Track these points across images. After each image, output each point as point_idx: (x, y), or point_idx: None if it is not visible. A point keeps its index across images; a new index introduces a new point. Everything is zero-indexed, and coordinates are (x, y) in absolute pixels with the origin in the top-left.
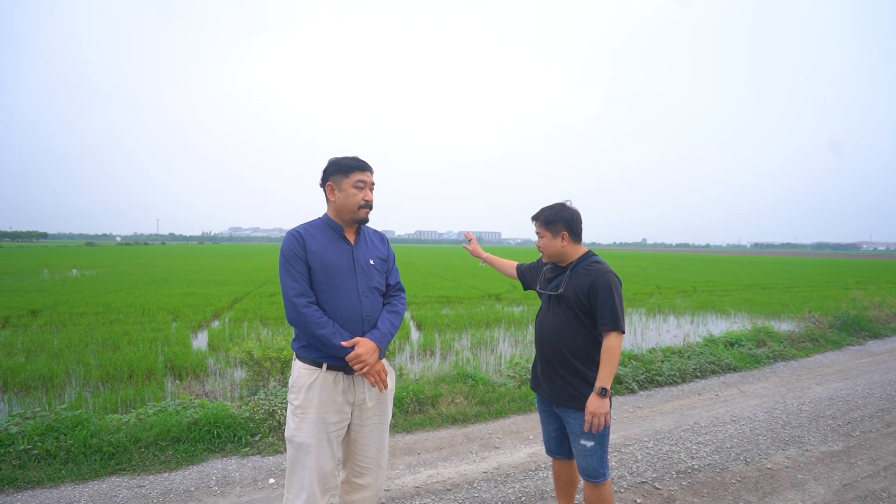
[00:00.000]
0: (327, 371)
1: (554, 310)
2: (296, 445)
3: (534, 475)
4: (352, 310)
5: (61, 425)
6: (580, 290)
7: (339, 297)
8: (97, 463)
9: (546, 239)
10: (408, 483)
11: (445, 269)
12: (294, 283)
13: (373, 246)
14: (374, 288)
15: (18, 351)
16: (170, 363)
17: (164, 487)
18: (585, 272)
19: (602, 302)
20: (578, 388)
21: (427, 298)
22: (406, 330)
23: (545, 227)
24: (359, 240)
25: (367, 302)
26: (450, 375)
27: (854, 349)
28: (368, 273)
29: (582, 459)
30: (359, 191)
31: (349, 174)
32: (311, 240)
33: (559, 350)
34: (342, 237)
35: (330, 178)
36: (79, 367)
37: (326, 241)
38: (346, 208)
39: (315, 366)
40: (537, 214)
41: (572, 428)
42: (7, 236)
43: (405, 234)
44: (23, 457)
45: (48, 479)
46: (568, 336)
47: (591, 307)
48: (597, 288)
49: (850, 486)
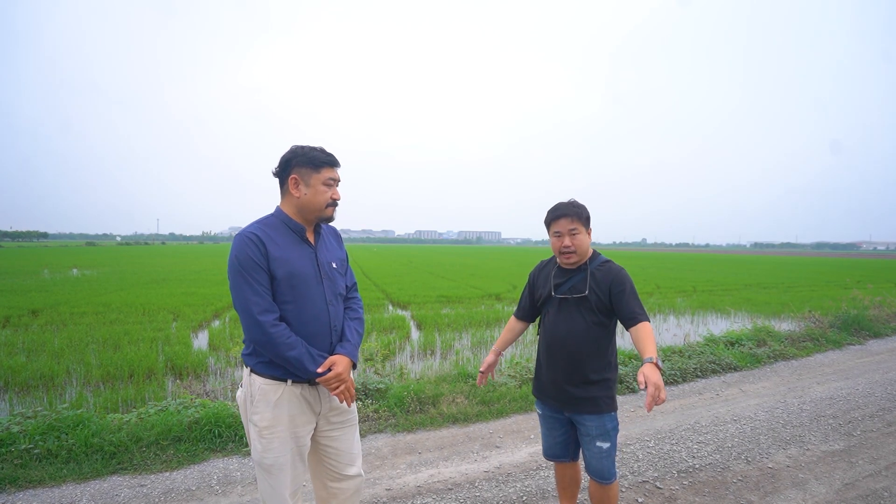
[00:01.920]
0: (293, 385)
1: (570, 313)
2: (266, 468)
3: (535, 474)
4: (320, 321)
5: (62, 424)
6: (600, 290)
7: (307, 309)
8: (98, 462)
9: (582, 235)
10: (409, 482)
11: (445, 268)
12: (257, 297)
13: (332, 247)
14: (338, 294)
15: (19, 350)
16: (170, 363)
17: (166, 487)
18: (601, 272)
19: (628, 297)
20: (593, 392)
21: (427, 298)
22: (406, 330)
23: (584, 222)
24: (318, 241)
25: (334, 310)
26: (450, 375)
27: (854, 349)
28: (332, 278)
29: (596, 461)
30: (328, 188)
31: (320, 169)
32: (272, 244)
33: (575, 355)
34: (304, 239)
35: (294, 170)
36: (79, 367)
37: (288, 244)
38: (313, 207)
39: (279, 381)
40: (570, 209)
41: (587, 430)
42: (7, 236)
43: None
44: (24, 456)
45: (50, 479)
46: (586, 340)
47: (611, 305)
48: (620, 284)
49: (852, 486)
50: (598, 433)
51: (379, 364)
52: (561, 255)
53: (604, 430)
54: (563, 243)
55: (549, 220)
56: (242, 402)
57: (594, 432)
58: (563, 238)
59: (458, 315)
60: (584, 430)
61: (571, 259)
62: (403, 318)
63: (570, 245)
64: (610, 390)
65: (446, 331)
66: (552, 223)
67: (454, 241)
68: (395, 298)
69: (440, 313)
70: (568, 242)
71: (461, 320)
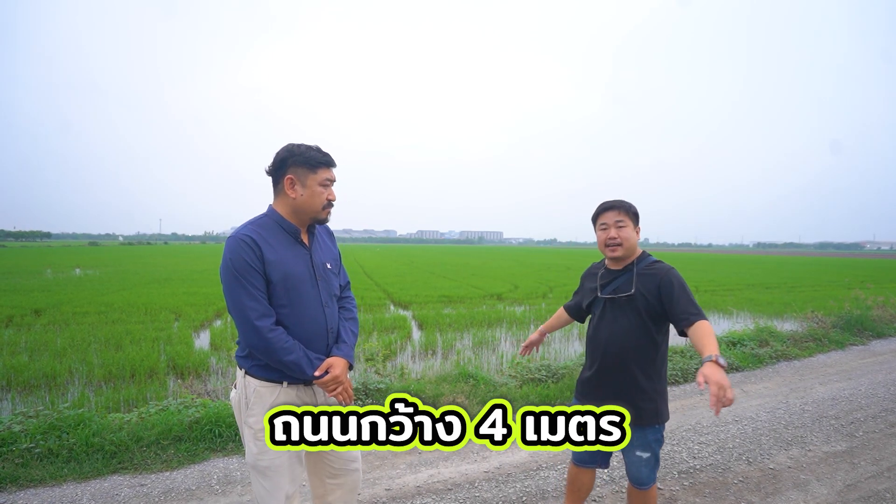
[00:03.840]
0: (288, 387)
1: (616, 315)
2: (261, 470)
3: (535, 475)
4: (316, 324)
5: (64, 424)
6: (648, 292)
7: (302, 312)
8: (99, 462)
9: (629, 229)
10: (409, 482)
11: (447, 268)
12: (254, 302)
13: (326, 247)
14: (333, 295)
15: (22, 350)
16: (172, 362)
17: (166, 486)
18: (649, 273)
19: (679, 296)
20: (637, 402)
21: (428, 298)
22: (408, 329)
23: (631, 217)
24: (313, 242)
25: (330, 312)
26: (451, 375)
27: (857, 349)
28: (327, 279)
29: (635, 469)
30: (324, 189)
31: (316, 170)
32: (266, 246)
33: (624, 359)
34: (298, 241)
35: (290, 170)
36: (82, 367)
37: (283, 246)
38: (309, 208)
39: (274, 383)
40: (617, 203)
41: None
42: (11, 236)
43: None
44: (25, 455)
45: (50, 478)
46: (634, 343)
47: (661, 307)
48: (669, 284)
49: (853, 487)
50: (639, 443)
51: (380, 364)
52: (606, 248)
53: (644, 441)
54: (608, 235)
55: (596, 213)
56: (237, 403)
57: (634, 442)
58: (608, 230)
59: (459, 315)
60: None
61: (617, 252)
62: (405, 317)
63: (616, 237)
64: (654, 402)
65: (447, 331)
66: (599, 216)
67: (456, 241)
68: (396, 298)
69: (441, 313)
70: (614, 234)
71: (462, 320)
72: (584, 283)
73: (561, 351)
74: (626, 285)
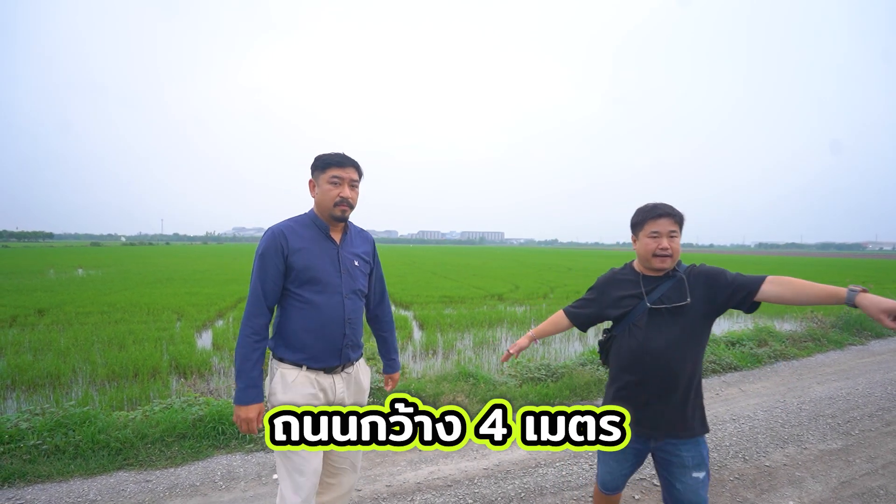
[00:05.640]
0: (308, 371)
1: (668, 324)
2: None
3: (533, 472)
4: (334, 312)
5: (69, 421)
6: (698, 294)
7: (322, 301)
8: (105, 458)
9: (679, 240)
10: (409, 479)
11: (448, 268)
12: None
13: (359, 246)
14: (357, 290)
15: (26, 349)
16: (175, 362)
17: (171, 482)
18: (693, 275)
19: (727, 277)
20: (690, 414)
21: (430, 298)
22: (408, 330)
23: (681, 225)
24: (344, 239)
25: (350, 304)
26: (451, 374)
27: (856, 349)
28: (353, 274)
29: (692, 494)
30: (333, 186)
31: (326, 170)
32: (294, 237)
33: (673, 372)
34: (328, 236)
35: (312, 174)
36: (85, 366)
37: (311, 239)
38: (323, 205)
39: (295, 366)
40: (673, 210)
41: (682, 461)
42: (13, 236)
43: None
44: (33, 452)
45: (57, 474)
46: (685, 353)
47: (714, 306)
48: (713, 272)
49: (848, 484)
50: (695, 462)
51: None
52: (654, 259)
53: (700, 457)
54: (660, 245)
55: (646, 218)
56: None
57: (690, 462)
58: (660, 239)
59: (460, 315)
60: (676, 460)
61: (665, 264)
62: (406, 318)
63: (668, 248)
64: (703, 409)
65: (448, 331)
66: (649, 222)
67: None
68: (397, 299)
69: (442, 313)
70: (666, 244)
71: (463, 320)
72: (608, 292)
73: (561, 351)
74: (675, 293)
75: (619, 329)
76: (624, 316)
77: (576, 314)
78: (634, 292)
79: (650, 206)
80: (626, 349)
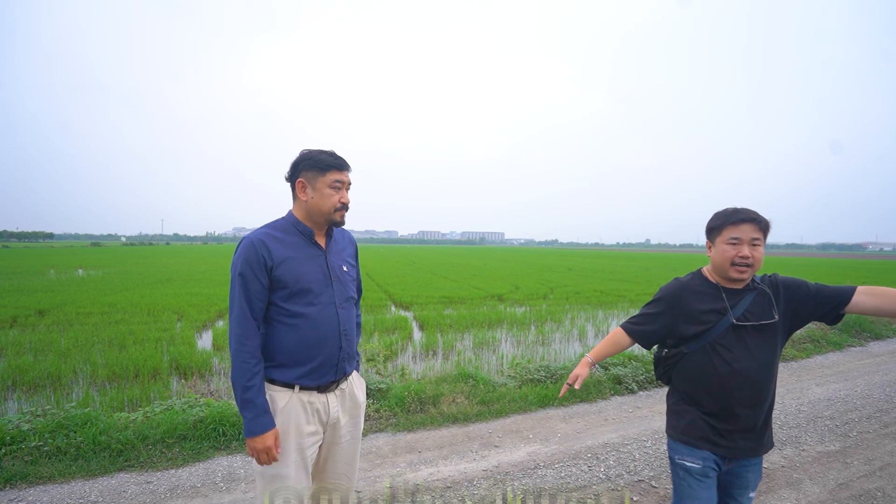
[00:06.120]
0: (300, 392)
1: (751, 344)
2: (269, 478)
3: (532, 473)
4: (329, 325)
5: (71, 423)
6: (782, 309)
7: (315, 313)
8: (106, 459)
9: (761, 247)
10: (409, 480)
11: (448, 269)
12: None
13: (343, 249)
14: (349, 297)
15: (27, 350)
16: (175, 362)
17: (172, 483)
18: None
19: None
20: (766, 435)
21: (430, 299)
22: (409, 330)
23: (765, 232)
24: (330, 244)
25: (345, 314)
26: (451, 375)
27: (855, 350)
28: (344, 282)
29: None
30: (335, 192)
31: (325, 173)
32: (277, 246)
33: (762, 395)
34: (313, 242)
35: (302, 174)
36: (86, 367)
37: (297, 247)
38: (320, 211)
39: (287, 388)
40: (758, 215)
41: (745, 481)
42: (14, 237)
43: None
44: (34, 453)
45: (59, 475)
46: (772, 375)
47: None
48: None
49: (846, 486)
50: (755, 481)
51: (381, 364)
52: (732, 268)
53: (759, 475)
54: (740, 252)
55: (727, 223)
56: None
57: (752, 482)
58: (741, 247)
59: (460, 316)
60: (740, 481)
61: (745, 275)
62: (406, 318)
63: (750, 257)
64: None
65: (448, 331)
66: (729, 227)
67: (457, 241)
68: (397, 299)
69: (442, 314)
70: (747, 253)
71: (463, 321)
72: (681, 305)
73: (560, 351)
74: (760, 308)
75: (694, 346)
76: (703, 333)
77: (640, 332)
78: (717, 306)
79: (731, 210)
80: (708, 370)
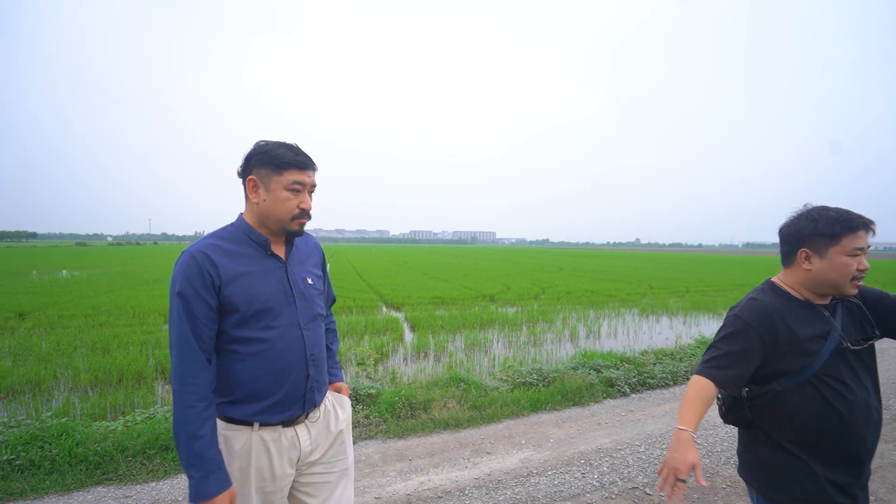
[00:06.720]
0: (261, 429)
1: (858, 370)
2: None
3: (525, 481)
4: (293, 351)
5: (46, 434)
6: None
7: (275, 337)
8: (83, 473)
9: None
10: (399, 490)
11: (440, 269)
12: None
13: (307, 258)
14: (317, 315)
15: (5, 355)
16: (160, 366)
17: (152, 497)
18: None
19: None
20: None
21: (421, 299)
22: (400, 331)
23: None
24: (290, 252)
25: (311, 336)
26: (443, 379)
27: None
28: (309, 297)
29: None
30: (293, 195)
31: (283, 172)
32: (225, 261)
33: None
34: (269, 253)
35: (254, 170)
36: (67, 372)
37: (251, 260)
38: (274, 216)
39: (244, 426)
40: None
41: None
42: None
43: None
44: (5, 467)
45: (31, 491)
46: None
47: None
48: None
49: None
50: None
51: (371, 368)
52: (851, 283)
53: None
54: (862, 265)
55: (845, 231)
56: None
57: None
58: (862, 257)
59: (451, 316)
60: None
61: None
62: (397, 319)
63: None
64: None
65: (440, 332)
66: (850, 236)
67: (449, 241)
68: (388, 300)
69: (434, 315)
70: (867, 264)
71: (455, 322)
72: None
73: (552, 353)
74: (854, 324)
75: (791, 382)
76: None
77: (728, 378)
78: (821, 330)
79: (845, 216)
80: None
